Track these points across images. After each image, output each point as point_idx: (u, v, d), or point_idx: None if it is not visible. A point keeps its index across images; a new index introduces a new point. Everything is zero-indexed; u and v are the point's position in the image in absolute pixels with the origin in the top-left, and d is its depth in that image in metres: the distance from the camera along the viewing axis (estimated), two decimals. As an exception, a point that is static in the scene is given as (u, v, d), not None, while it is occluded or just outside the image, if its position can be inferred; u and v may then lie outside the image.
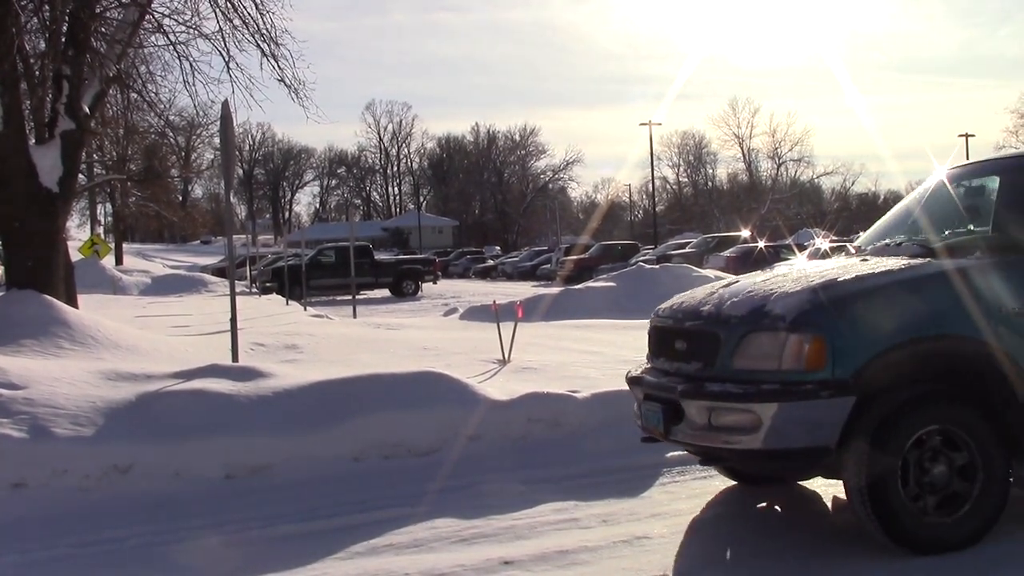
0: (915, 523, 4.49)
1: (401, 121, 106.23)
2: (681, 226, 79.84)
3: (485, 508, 5.83)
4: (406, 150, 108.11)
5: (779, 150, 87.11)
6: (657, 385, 5.15)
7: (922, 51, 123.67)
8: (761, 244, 31.79)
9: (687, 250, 36.87)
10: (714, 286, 5.43)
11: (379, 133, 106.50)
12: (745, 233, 38.10)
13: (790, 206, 74.99)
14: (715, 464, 5.18)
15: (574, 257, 42.07)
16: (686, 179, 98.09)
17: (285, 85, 13.03)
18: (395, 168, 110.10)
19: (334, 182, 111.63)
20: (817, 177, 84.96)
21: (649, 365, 5.53)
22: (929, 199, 6.15)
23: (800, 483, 5.79)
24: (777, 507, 5.68)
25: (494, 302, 12.67)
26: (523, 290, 28.37)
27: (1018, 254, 4.92)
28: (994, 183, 5.76)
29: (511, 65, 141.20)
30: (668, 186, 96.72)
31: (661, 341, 5.40)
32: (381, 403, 7.30)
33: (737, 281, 5.39)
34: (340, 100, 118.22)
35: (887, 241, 5.80)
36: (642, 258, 36.64)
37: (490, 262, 57.39)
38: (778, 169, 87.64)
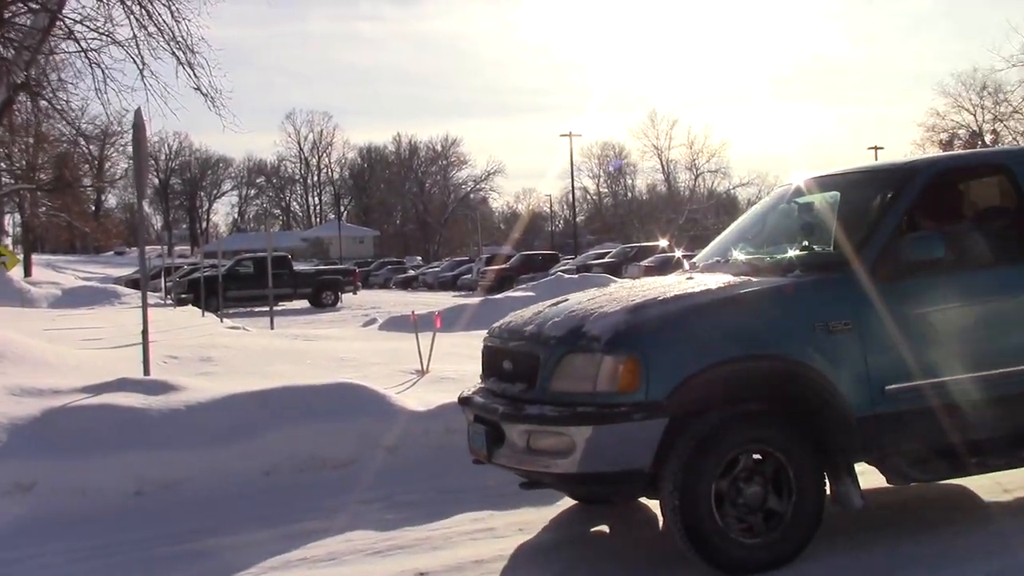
0: (729, 544, 4.45)
1: (322, 131, 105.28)
2: (601, 236, 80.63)
3: (401, 520, 5.81)
4: (326, 160, 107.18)
5: (697, 161, 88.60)
6: (483, 407, 5.05)
7: (835, 66, 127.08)
8: (679, 254, 32.27)
9: (607, 260, 37.26)
10: (543, 305, 5.38)
11: (299, 143, 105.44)
12: (663, 243, 38.69)
13: (707, 216, 76.22)
14: (539, 487, 5.09)
15: (495, 267, 42.15)
16: (606, 189, 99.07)
17: (201, 93, 12.90)
18: (315, 178, 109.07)
19: (253, 192, 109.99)
20: (733, 188, 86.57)
21: (481, 385, 5.43)
22: (770, 214, 6.24)
23: (641, 501, 5.61)
24: (607, 529, 5.57)
25: (413, 312, 12.62)
26: (444, 300, 28.30)
27: (835, 272, 4.93)
28: (835, 198, 5.82)
29: (432, 76, 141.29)
30: (588, 196, 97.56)
31: (490, 361, 5.32)
32: (296, 415, 7.22)
33: (567, 299, 5.34)
34: (259, 109, 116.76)
35: (717, 258, 5.83)
36: (562, 268, 36.92)
37: (411, 272, 57.15)
38: (696, 180, 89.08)
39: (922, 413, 4.81)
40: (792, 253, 5.39)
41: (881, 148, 58.64)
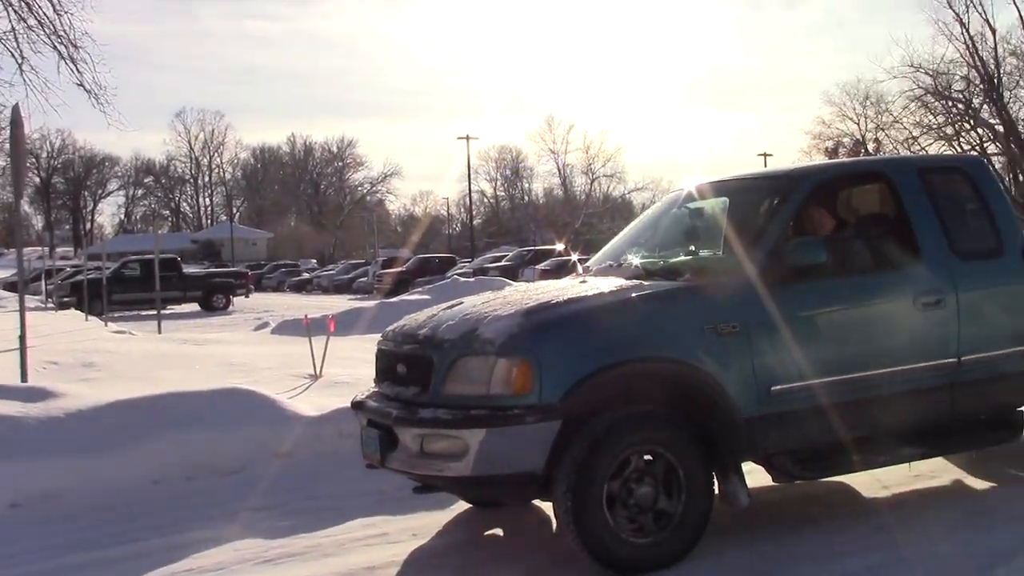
0: (621, 544, 4.51)
1: (213, 130, 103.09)
2: (498, 239, 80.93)
3: (293, 527, 5.71)
4: (218, 160, 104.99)
5: (593, 166, 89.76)
6: (376, 411, 5.01)
7: (728, 74, 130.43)
8: (574, 257, 32.59)
9: (503, 263, 37.40)
10: (437, 308, 5.38)
11: (190, 142, 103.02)
12: (560, 247, 39.03)
13: (603, 220, 77.24)
14: (432, 491, 5.08)
15: (392, 270, 41.91)
16: (503, 193, 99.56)
17: (85, 90, 12.52)
18: (207, 178, 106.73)
19: (140, 192, 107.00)
20: (628, 192, 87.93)
21: (375, 389, 5.39)
22: (662, 219, 6.36)
23: (535, 503, 5.57)
24: (500, 532, 5.57)
25: (306, 316, 12.45)
26: (339, 304, 28.03)
27: (724, 276, 5.05)
28: (724, 204, 5.99)
29: (328, 76, 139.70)
30: (486, 200, 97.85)
31: (385, 365, 5.28)
32: (184, 422, 7.04)
33: (461, 302, 5.34)
34: (148, 107, 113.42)
35: (610, 262, 5.89)
36: (458, 271, 36.92)
37: (306, 275, 56.42)
38: (591, 184, 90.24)
39: (806, 413, 4.94)
40: (683, 257, 5.48)
41: (770, 155, 60.53)
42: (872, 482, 5.94)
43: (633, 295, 4.88)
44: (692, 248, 5.56)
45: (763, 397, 4.83)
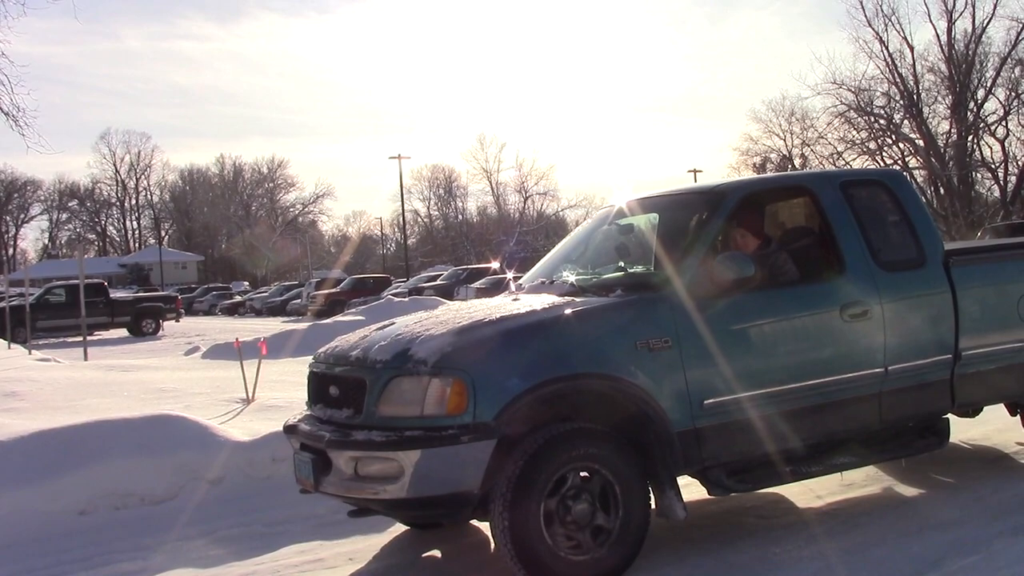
0: (558, 562, 4.49)
1: (139, 152, 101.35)
2: (433, 259, 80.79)
3: (226, 555, 5.59)
4: (145, 182, 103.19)
5: (526, 184, 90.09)
6: (309, 434, 4.93)
7: (654, 91, 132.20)
8: (510, 275, 32.57)
9: (439, 282, 37.29)
10: (369, 328, 5.35)
11: (115, 164, 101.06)
12: (495, 265, 39.05)
13: (537, 238, 77.57)
14: (368, 515, 5.02)
15: (325, 291, 41.52)
16: (437, 212, 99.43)
17: (2, 112, 12.20)
18: (133, 201, 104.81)
19: (65, 216, 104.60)
20: (562, 210, 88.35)
21: (307, 412, 5.32)
22: (593, 235, 6.39)
23: (472, 524, 5.58)
24: (439, 554, 5.52)
25: (236, 339, 12.25)
26: (272, 326, 27.65)
27: (654, 291, 5.06)
28: (654, 220, 6.04)
29: (256, 96, 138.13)
30: (419, 219, 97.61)
31: (317, 387, 5.21)
32: (110, 451, 6.84)
33: (393, 323, 5.33)
34: (70, 129, 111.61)
35: (543, 279, 5.90)
36: (393, 291, 36.73)
37: (238, 298, 55.68)
38: (525, 202, 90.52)
39: (738, 425, 4.99)
40: (614, 273, 5.50)
41: (700, 171, 61.31)
42: (806, 492, 6.01)
43: (565, 312, 4.87)
44: (622, 264, 5.58)
45: (696, 411, 4.86)
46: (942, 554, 4.83)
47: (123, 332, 32.35)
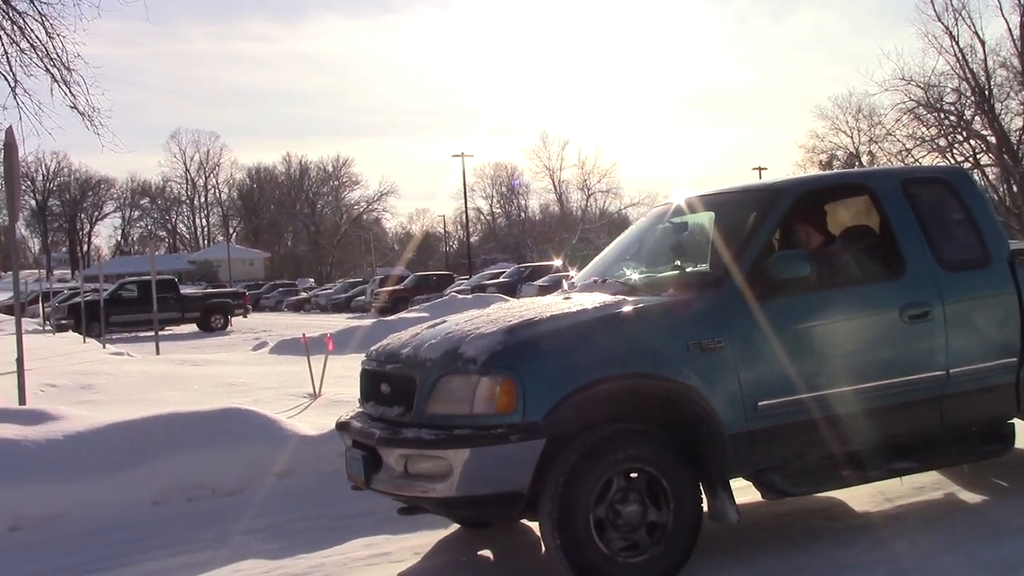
0: (608, 565, 4.43)
1: (208, 151, 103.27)
2: (495, 256, 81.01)
3: (294, 547, 5.68)
4: (214, 180, 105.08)
5: (588, 181, 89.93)
6: (361, 431, 4.95)
7: (723, 88, 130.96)
8: (572, 273, 32.55)
9: (501, 280, 37.38)
10: (421, 327, 5.34)
11: (185, 163, 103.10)
12: (557, 262, 39.02)
13: (600, 236, 77.37)
14: (417, 513, 4.99)
15: (388, 288, 41.89)
16: (499, 210, 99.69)
17: (78, 112, 12.51)
18: (202, 199, 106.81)
19: (137, 213, 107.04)
20: (624, 207, 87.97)
21: (359, 410, 5.34)
22: (648, 234, 6.30)
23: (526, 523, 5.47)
24: (490, 554, 5.49)
25: (303, 335, 12.43)
26: (337, 322, 28.01)
27: (708, 291, 5.00)
28: (710, 218, 5.91)
29: (322, 95, 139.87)
30: (482, 217, 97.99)
31: (369, 385, 5.23)
32: (182, 443, 7.01)
33: (444, 321, 5.32)
34: (142, 128, 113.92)
35: (595, 278, 5.82)
36: (456, 288, 36.91)
37: (303, 295, 56.41)
38: (587, 200, 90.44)
39: (794, 428, 4.89)
40: (666, 272, 5.43)
41: (765, 168, 60.62)
42: (875, 495, 5.91)
43: (616, 311, 4.82)
44: (678, 263, 5.50)
45: (750, 412, 4.78)
46: (1017, 561, 4.72)
47: (193, 327, 32.99)
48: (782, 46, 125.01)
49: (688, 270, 5.40)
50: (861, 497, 5.88)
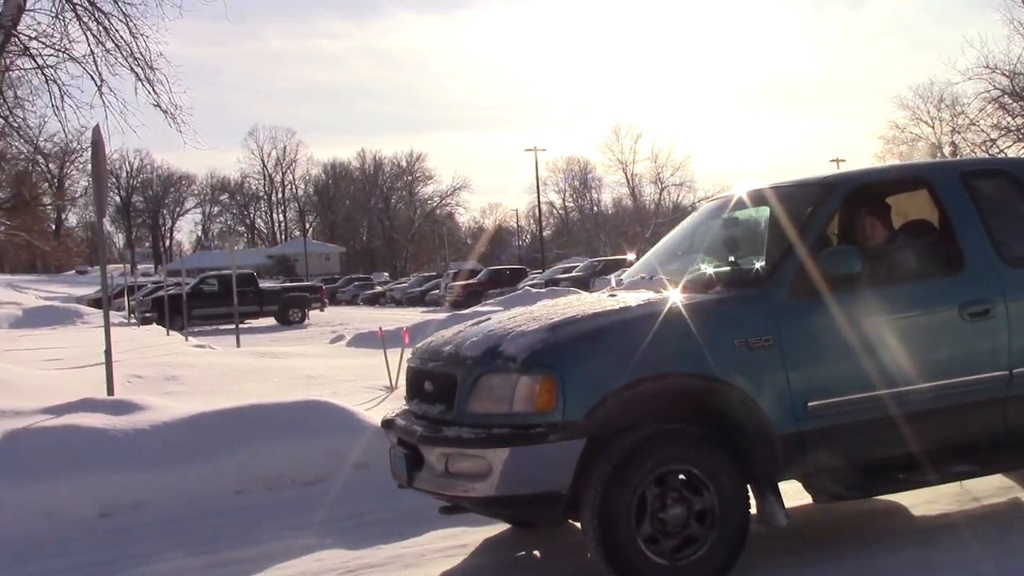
0: (650, 568, 4.33)
1: (285, 147, 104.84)
2: (568, 250, 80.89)
3: (372, 537, 5.75)
4: (291, 176, 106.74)
5: (661, 175, 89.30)
6: (404, 429, 4.92)
7: (798, 79, 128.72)
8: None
9: (574, 274, 37.31)
10: (464, 324, 5.28)
11: (263, 159, 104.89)
12: (631, 256, 38.78)
13: (673, 229, 76.77)
14: (458, 512, 4.92)
15: (462, 282, 42.12)
16: (572, 204, 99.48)
17: (161, 110, 12.82)
18: (280, 194, 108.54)
19: (217, 209, 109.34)
20: (698, 201, 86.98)
21: (405, 407, 5.29)
22: (700, 229, 6.12)
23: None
24: (537, 553, 5.44)
25: (380, 328, 12.58)
26: (412, 316, 28.22)
27: (755, 288, 4.87)
28: (763, 213, 5.72)
29: (395, 91, 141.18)
30: (555, 211, 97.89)
31: (413, 382, 5.18)
32: (264, 434, 7.15)
33: (488, 318, 5.26)
34: (221, 126, 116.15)
35: (643, 274, 5.70)
36: (530, 282, 36.95)
37: (378, 288, 56.97)
38: (661, 193, 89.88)
39: (846, 429, 4.73)
40: (713, 269, 5.30)
41: (843, 160, 59.37)
42: (961, 494, 5.76)
43: (659, 308, 4.70)
44: (731, 259, 5.32)
45: (799, 413, 4.63)
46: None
47: (271, 320, 33.53)
48: (859, 33, 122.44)
49: (736, 266, 5.23)
50: (947, 497, 5.73)
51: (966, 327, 5.07)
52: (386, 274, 76.17)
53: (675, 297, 4.88)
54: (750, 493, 4.61)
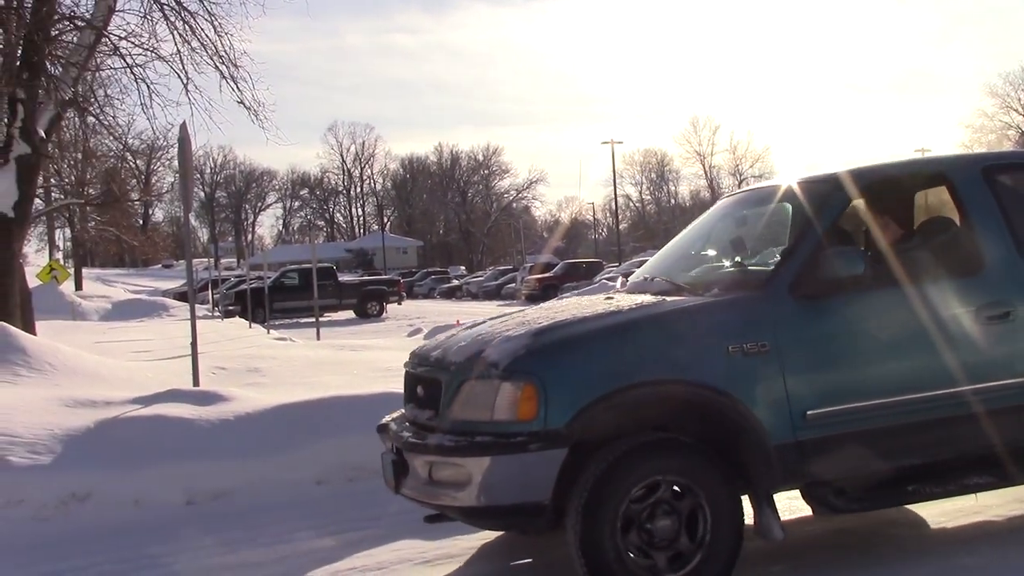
0: None
1: (364, 142, 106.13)
2: (645, 243, 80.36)
3: (450, 529, 5.75)
4: (369, 171, 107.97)
5: (740, 167, 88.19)
6: (394, 434, 4.83)
7: (875, 67, 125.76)
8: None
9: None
10: (459, 328, 5.15)
11: (342, 154, 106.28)
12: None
13: (752, 222, 75.73)
14: (443, 520, 4.76)
15: (538, 276, 42.13)
16: (649, 197, 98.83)
17: (245, 107, 13.05)
18: (358, 189, 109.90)
19: (297, 204, 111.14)
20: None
21: (402, 411, 5.18)
22: (715, 227, 5.89)
23: None
24: (530, 560, 5.30)
25: (457, 321, 12.65)
26: (488, 309, 28.33)
27: (754, 290, 4.64)
28: (771, 211, 5.49)
29: (469, 85, 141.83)
30: (631, 204, 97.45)
31: (408, 387, 5.08)
32: (344, 425, 7.25)
33: (482, 322, 5.13)
34: (301, 122, 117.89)
35: (646, 275, 5.49)
36: (606, 276, 36.79)
37: (455, 282, 57.33)
38: (740, 185, 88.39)
39: (849, 439, 4.49)
40: (715, 271, 5.10)
41: (928, 150, 57.87)
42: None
43: (651, 313, 4.55)
44: (738, 259, 5.10)
45: (798, 422, 4.39)
46: None
47: (350, 314, 33.99)
48: (947, 18, 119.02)
49: (738, 267, 5.01)
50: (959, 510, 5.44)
51: (984, 331, 4.76)
52: (463, 268, 76.62)
53: (669, 300, 4.71)
54: (748, 504, 4.41)
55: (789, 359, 4.42)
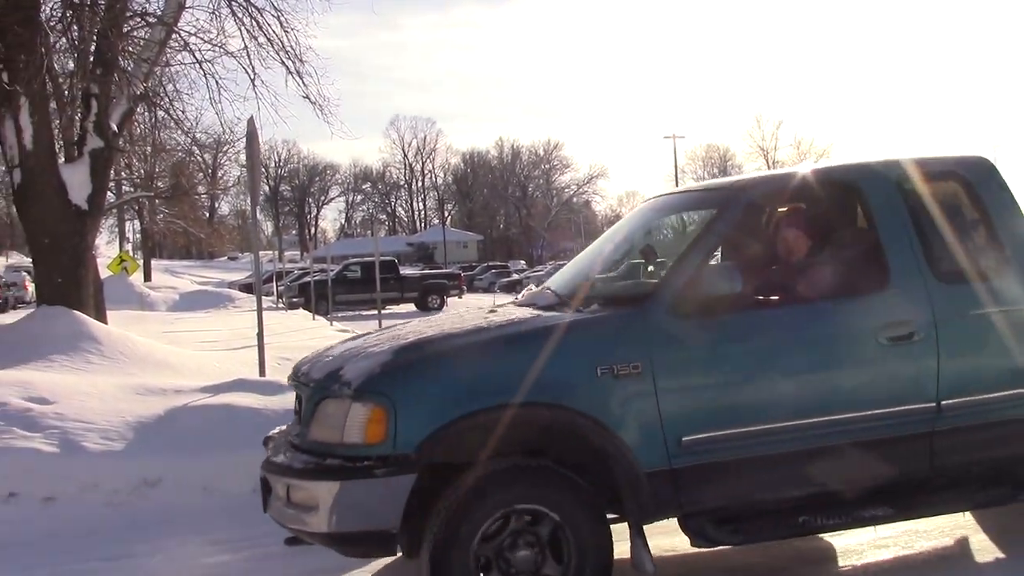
0: None
1: (425, 137, 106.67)
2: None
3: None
4: (430, 165, 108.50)
5: (804, 162, 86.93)
6: (269, 451, 4.66)
7: (944, 60, 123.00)
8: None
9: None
10: (345, 339, 4.97)
11: (403, 149, 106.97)
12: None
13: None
14: (302, 544, 4.48)
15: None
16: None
17: (310, 102, 13.18)
18: (420, 183, 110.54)
19: (359, 198, 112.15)
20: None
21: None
22: (630, 234, 5.62)
23: None
24: None
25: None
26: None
27: (630, 307, 4.40)
28: (673, 221, 5.23)
29: (529, 79, 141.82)
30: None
31: (295, 400, 4.86)
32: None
33: (362, 336, 4.97)
34: (363, 116, 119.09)
35: (546, 287, 5.22)
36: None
37: (515, 276, 57.34)
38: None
39: (729, 467, 4.24)
40: (604, 282, 4.90)
41: (997, 145, 56.52)
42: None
43: (518, 330, 4.34)
44: (651, 269, 4.90)
45: (673, 449, 4.16)
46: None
47: (411, 307, 34.21)
48: (1018, 8, 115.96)
49: (622, 282, 4.79)
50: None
51: (883, 352, 4.47)
52: (523, 262, 76.66)
53: (544, 316, 4.49)
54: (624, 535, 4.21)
55: (664, 381, 4.18)
